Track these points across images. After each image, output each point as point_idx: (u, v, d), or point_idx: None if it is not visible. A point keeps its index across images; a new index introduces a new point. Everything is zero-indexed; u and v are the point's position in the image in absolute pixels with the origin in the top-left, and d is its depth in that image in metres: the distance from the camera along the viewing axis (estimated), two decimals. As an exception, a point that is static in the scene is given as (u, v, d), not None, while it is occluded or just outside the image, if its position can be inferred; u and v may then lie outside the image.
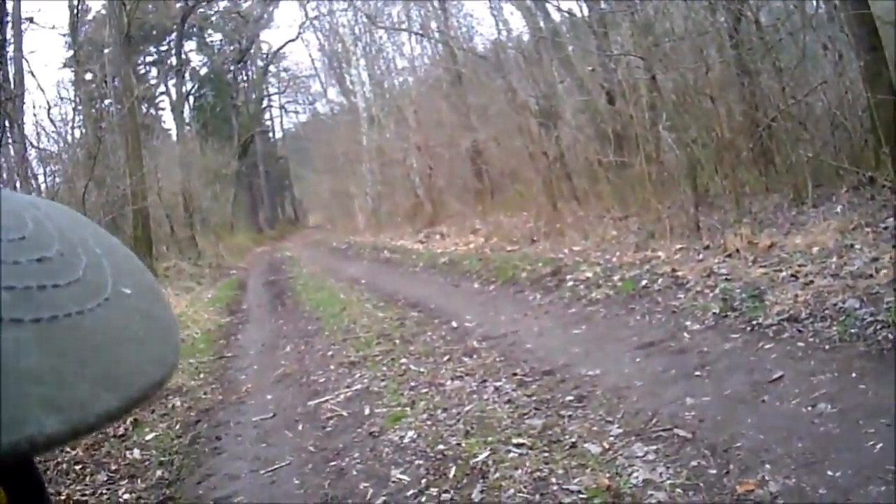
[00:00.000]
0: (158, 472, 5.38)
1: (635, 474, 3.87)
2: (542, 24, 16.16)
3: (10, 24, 16.55)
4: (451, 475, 4.35)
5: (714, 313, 6.39)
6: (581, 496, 3.76)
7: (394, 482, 4.44)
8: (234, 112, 45.56)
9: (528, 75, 15.71)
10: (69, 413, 0.38)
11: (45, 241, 0.46)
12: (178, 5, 39.74)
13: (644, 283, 7.91)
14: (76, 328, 0.42)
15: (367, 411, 5.93)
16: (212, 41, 48.12)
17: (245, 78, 49.19)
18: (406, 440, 5.07)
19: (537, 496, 3.87)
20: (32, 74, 40.21)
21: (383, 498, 4.27)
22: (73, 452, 5.46)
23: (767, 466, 3.65)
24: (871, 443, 3.65)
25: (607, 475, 3.91)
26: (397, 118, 24.76)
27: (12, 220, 0.46)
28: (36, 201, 0.53)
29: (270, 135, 52.87)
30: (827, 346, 5.12)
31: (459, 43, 20.08)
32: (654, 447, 4.16)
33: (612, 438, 4.42)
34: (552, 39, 15.09)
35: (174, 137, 39.22)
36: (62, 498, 4.83)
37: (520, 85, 15.94)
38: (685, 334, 6.20)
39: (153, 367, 0.46)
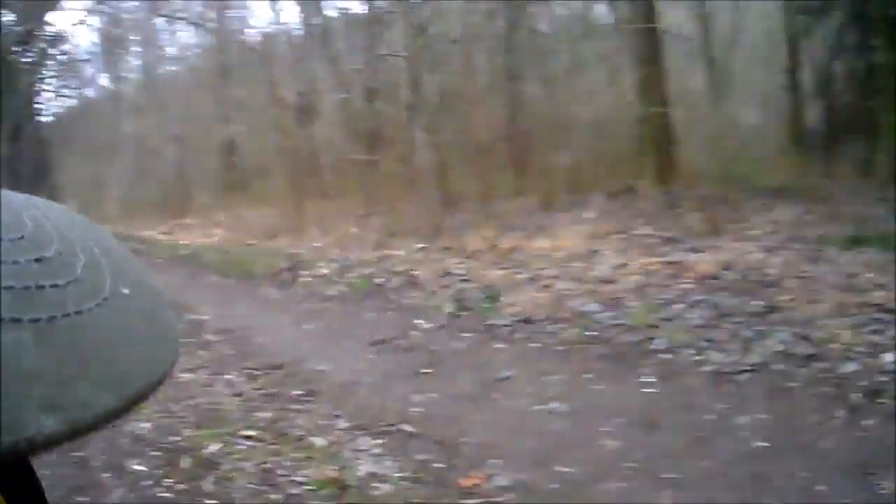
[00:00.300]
0: None
1: (361, 467, 3.89)
2: (316, 18, 15.89)
3: None
4: (184, 466, 4.28)
5: (448, 313, 6.40)
6: (307, 488, 3.77)
7: (131, 472, 4.32)
8: (10, 95, 42.27)
9: (293, 70, 15.45)
10: (69, 413, 0.38)
11: (44, 241, 0.45)
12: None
13: (380, 281, 7.87)
14: (75, 328, 0.41)
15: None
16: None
17: (25, 60, 45.79)
18: (142, 432, 4.92)
19: (266, 487, 3.86)
20: None
21: (122, 489, 4.13)
22: None
23: (495, 462, 3.67)
24: (606, 441, 3.77)
25: (334, 467, 3.92)
26: (159, 107, 24.25)
27: (11, 219, 0.45)
28: (35, 201, 0.52)
29: (39, 119, 49.53)
30: (561, 348, 5.23)
31: (231, 34, 19.61)
32: (381, 441, 4.18)
33: (339, 432, 4.41)
34: (323, 35, 14.85)
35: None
36: None
37: (282, 79, 15.74)
38: (416, 332, 6.19)
39: (153, 366, 0.45)
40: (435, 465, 3.76)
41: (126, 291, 0.47)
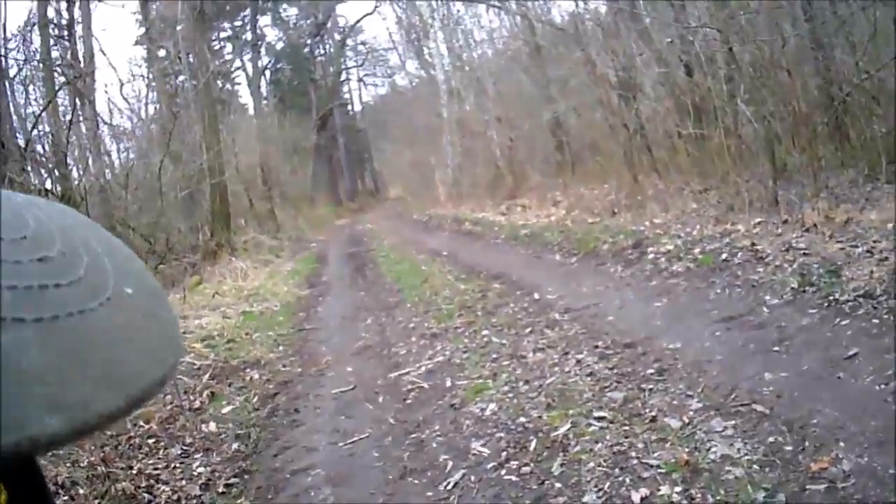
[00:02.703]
0: (235, 446, 5.39)
1: (714, 449, 3.82)
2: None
3: (77, 3, 16.76)
4: (531, 448, 4.34)
5: (792, 288, 6.25)
6: (660, 471, 3.72)
7: (474, 455, 4.46)
8: (312, 86, 46.05)
9: (607, 47, 15.38)
10: (71, 413, 0.39)
11: (47, 241, 0.47)
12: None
13: (724, 256, 7.77)
14: (78, 328, 0.43)
15: (448, 383, 5.95)
16: (287, 16, 48.65)
17: (322, 52, 49.61)
18: (487, 413, 5.06)
19: (616, 470, 3.84)
20: (103, 52, 41.65)
21: (463, 471, 4.28)
22: (147, 427, 5.45)
23: (841, 444, 3.58)
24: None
25: (686, 450, 3.87)
26: (476, 90, 24.53)
27: (14, 219, 0.47)
28: (37, 201, 0.53)
29: (349, 108, 53.30)
30: (902, 324, 4.95)
31: (537, 15, 19.83)
32: (733, 422, 4.09)
33: (692, 413, 4.34)
34: (630, 11, 14.85)
35: (251, 112, 39.70)
36: (134, 472, 4.75)
37: (598, 57, 15.62)
38: (764, 309, 6.07)
39: (155, 366, 0.47)
40: (785, 447, 3.65)
41: (129, 291, 0.49)
